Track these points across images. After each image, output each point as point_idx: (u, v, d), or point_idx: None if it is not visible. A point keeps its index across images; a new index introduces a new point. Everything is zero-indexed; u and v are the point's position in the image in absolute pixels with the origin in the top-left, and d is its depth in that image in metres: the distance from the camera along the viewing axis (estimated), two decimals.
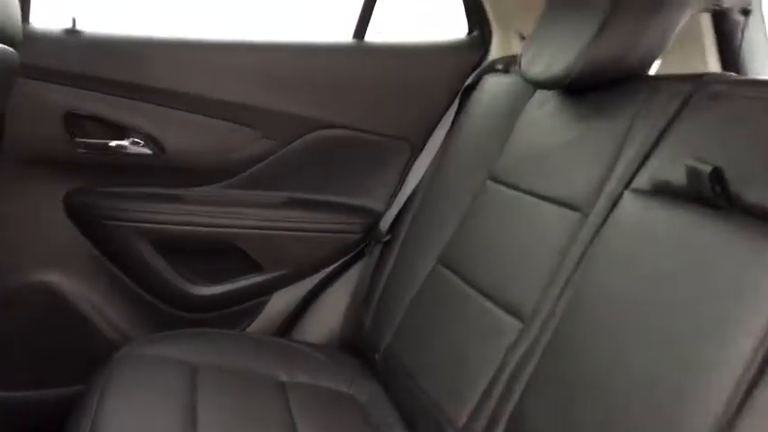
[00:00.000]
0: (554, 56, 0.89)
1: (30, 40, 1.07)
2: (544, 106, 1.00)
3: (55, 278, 1.18)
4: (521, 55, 0.99)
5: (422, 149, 1.27)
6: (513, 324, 0.83)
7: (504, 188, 0.98)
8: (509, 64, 1.18)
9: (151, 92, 1.13)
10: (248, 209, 1.23)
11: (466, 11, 1.30)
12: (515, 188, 0.96)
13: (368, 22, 1.25)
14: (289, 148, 1.23)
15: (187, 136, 1.18)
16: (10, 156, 1.08)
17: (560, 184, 0.88)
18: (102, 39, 1.13)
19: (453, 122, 1.23)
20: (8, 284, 1.15)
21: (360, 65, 1.26)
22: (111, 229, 1.17)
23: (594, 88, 0.90)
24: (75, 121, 1.11)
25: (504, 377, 0.79)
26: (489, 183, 1.03)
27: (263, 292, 1.29)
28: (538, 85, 0.96)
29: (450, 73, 1.27)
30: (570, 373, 0.69)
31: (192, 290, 1.24)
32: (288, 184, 1.27)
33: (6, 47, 0.85)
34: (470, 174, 1.09)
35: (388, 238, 1.24)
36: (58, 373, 1.21)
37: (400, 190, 1.27)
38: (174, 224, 1.19)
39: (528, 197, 0.93)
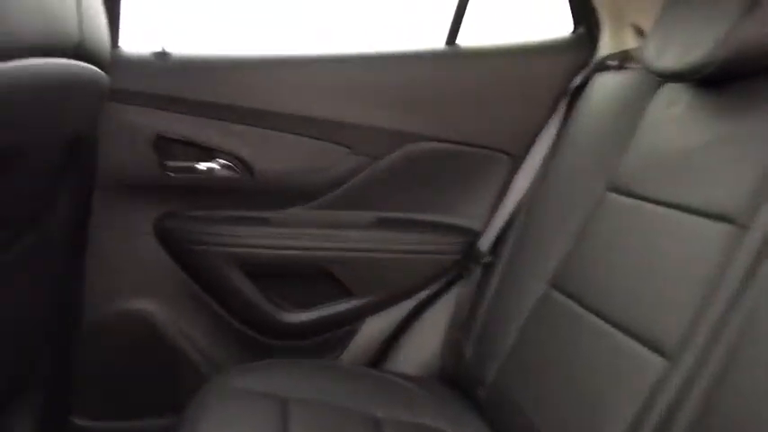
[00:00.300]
0: (689, 43, 0.77)
1: (119, 65, 1.07)
2: (675, 103, 0.86)
3: (145, 305, 1.16)
4: (641, 47, 0.86)
5: (524, 160, 1.16)
6: (652, 359, 0.70)
7: (627, 199, 0.86)
8: (624, 60, 1.05)
9: (239, 112, 1.10)
10: (337, 230, 1.17)
11: (571, 5, 1.19)
12: (643, 199, 0.83)
13: (460, 25, 1.16)
14: (379, 164, 1.16)
15: (275, 156, 1.13)
16: (101, 181, 1.07)
17: (703, 192, 0.74)
18: (191, 60, 1.12)
19: (560, 129, 1.11)
20: (99, 312, 1.14)
21: (453, 72, 1.17)
22: (199, 254, 1.14)
23: (739, 78, 0.76)
24: (164, 145, 1.10)
25: (651, 422, 0.66)
26: (609, 194, 0.90)
27: (354, 319, 1.21)
28: (669, 77, 0.83)
29: (554, 75, 1.15)
30: (746, 414, 0.56)
31: (281, 316, 1.18)
32: (379, 204, 1.19)
33: (96, 68, 0.84)
34: (584, 185, 0.97)
35: (489, 259, 1.14)
36: (146, 403, 1.19)
37: (501, 206, 1.16)
38: (262, 248, 1.14)
39: (660, 209, 0.79)
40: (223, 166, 1.13)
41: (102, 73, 0.85)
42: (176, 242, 1.15)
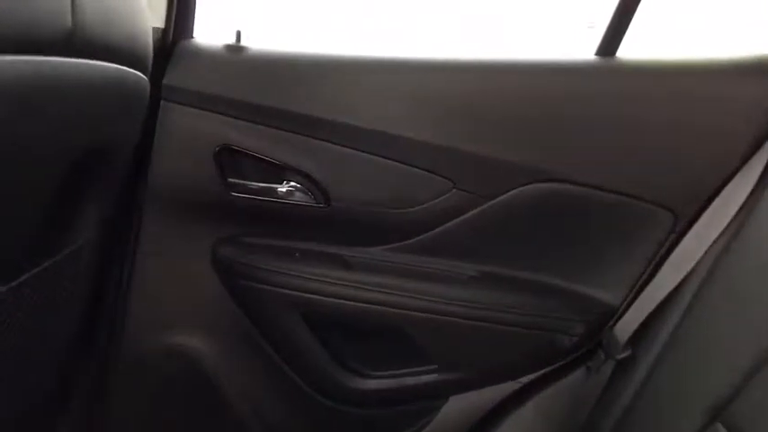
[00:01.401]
0: None
1: (184, 58, 0.89)
2: None
3: (193, 341, 0.98)
4: None
5: (694, 224, 0.84)
6: None
7: None
8: None
9: (321, 126, 0.88)
10: (425, 283, 0.92)
11: None
12: None
13: (624, 29, 0.86)
14: (489, 205, 0.89)
15: (358, 182, 0.90)
16: (151, 194, 0.91)
17: None
18: (269, 57, 0.91)
19: (756, 188, 0.78)
20: (140, 344, 0.98)
21: (606, 92, 0.87)
22: (256, 292, 0.94)
23: None
24: (228, 157, 0.90)
25: None
26: None
27: (434, 395, 0.96)
28: None
29: (750, 109, 0.82)
30: None
31: (346, 380, 0.96)
32: (483, 255, 0.92)
33: (131, 70, 0.66)
34: None
35: (626, 354, 0.83)
36: None
37: (654, 281, 0.85)
38: (330, 295, 0.92)
39: None
40: (294, 189, 0.92)
41: (142, 77, 0.67)
42: (232, 274, 0.95)
